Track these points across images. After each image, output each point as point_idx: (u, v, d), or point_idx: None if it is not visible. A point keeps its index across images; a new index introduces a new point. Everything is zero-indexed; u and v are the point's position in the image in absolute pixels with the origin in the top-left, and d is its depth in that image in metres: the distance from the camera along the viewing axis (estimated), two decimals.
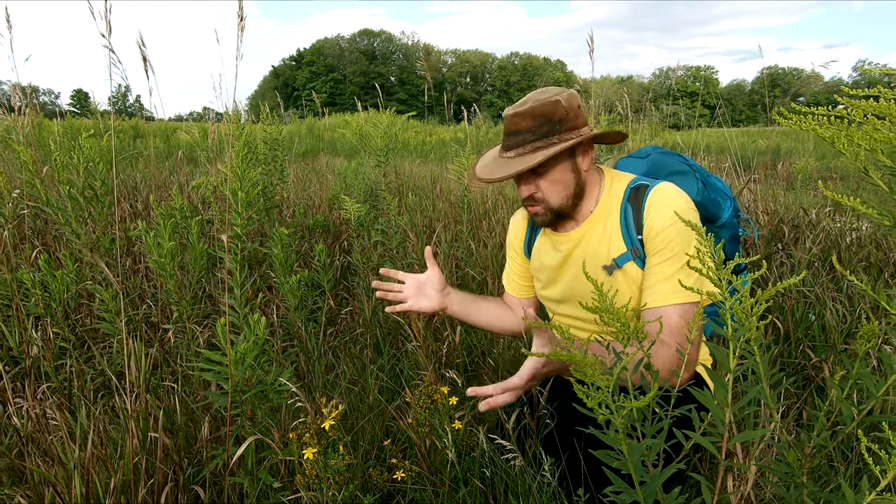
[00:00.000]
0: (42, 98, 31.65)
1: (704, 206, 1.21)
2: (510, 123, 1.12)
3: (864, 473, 1.22)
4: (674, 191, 1.11)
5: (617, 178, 1.19)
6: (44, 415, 1.44)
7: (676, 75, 5.13)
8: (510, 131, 1.12)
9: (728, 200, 1.27)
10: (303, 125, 10.24)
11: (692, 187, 1.20)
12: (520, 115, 1.09)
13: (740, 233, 1.36)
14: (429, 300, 1.27)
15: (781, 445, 0.72)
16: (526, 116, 1.09)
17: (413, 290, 1.27)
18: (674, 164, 1.28)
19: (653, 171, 1.29)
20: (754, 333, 0.63)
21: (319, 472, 1.06)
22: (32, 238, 2.52)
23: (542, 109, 1.08)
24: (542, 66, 64.39)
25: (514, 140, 1.11)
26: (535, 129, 1.09)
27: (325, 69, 61.03)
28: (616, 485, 0.58)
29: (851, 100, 0.45)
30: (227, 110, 3.15)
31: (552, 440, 1.18)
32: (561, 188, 1.13)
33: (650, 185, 1.12)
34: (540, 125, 1.09)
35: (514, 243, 1.39)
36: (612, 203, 1.16)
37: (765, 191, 3.69)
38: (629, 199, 1.13)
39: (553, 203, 1.14)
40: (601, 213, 1.17)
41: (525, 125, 1.09)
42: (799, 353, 1.76)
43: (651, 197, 1.10)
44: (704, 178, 1.25)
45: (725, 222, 1.26)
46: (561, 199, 1.14)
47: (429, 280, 1.27)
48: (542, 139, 1.09)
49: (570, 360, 0.58)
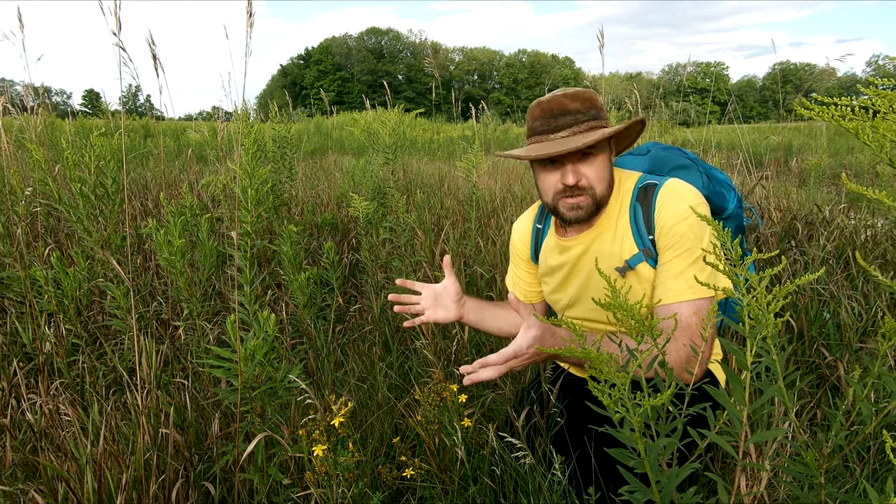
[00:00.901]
0: (55, 98, 32.05)
1: (711, 199, 1.19)
2: (557, 105, 1.10)
3: (881, 474, 1.20)
4: (683, 187, 1.09)
5: (624, 176, 1.18)
6: (57, 410, 1.45)
7: (686, 72, 5.07)
8: (557, 112, 1.10)
9: (732, 191, 1.26)
10: (311, 124, 10.27)
11: (697, 181, 1.19)
12: (569, 97, 1.10)
13: (745, 222, 1.34)
14: (445, 311, 1.25)
15: (798, 445, 0.70)
16: (575, 98, 1.09)
17: (430, 302, 1.25)
18: (676, 159, 1.26)
19: (655, 167, 1.27)
20: (771, 330, 0.62)
21: (329, 468, 1.06)
22: (46, 236, 2.54)
23: (587, 94, 1.11)
24: (549, 63, 64.09)
25: (563, 121, 1.09)
26: (586, 110, 1.09)
27: (333, 68, 61.18)
28: (631, 484, 0.57)
29: (877, 90, 0.43)
30: (236, 109, 3.17)
31: (562, 438, 1.17)
32: (605, 176, 1.12)
33: (658, 183, 1.11)
34: (589, 108, 1.09)
35: (521, 251, 1.36)
36: (621, 203, 1.14)
37: (777, 188, 3.64)
38: (638, 198, 1.12)
39: (598, 191, 1.11)
40: (611, 215, 1.15)
41: (575, 106, 1.09)
42: (813, 352, 1.74)
43: (661, 195, 1.09)
44: (707, 171, 1.24)
45: (731, 213, 1.24)
46: (604, 188, 1.12)
47: (445, 290, 1.25)
48: (593, 120, 1.09)
49: (568, 353, 0.57)
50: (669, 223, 1.06)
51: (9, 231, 1.90)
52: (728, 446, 0.59)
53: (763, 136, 8.19)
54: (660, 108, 6.41)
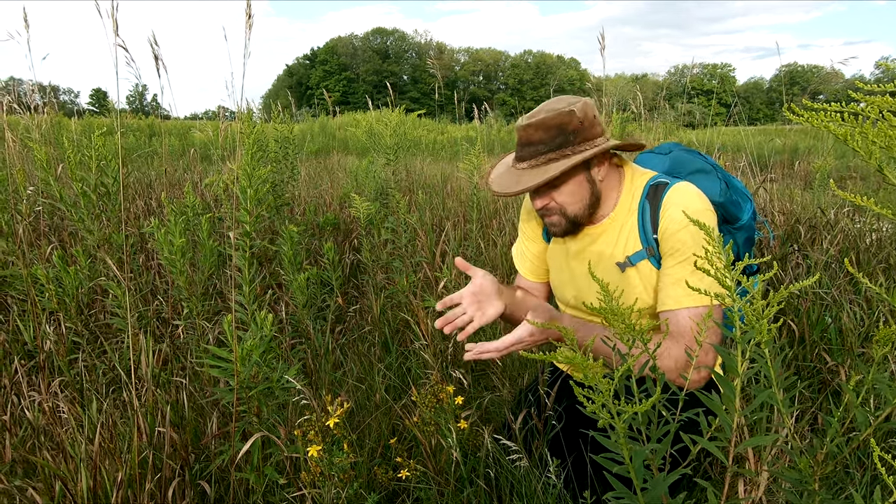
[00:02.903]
0: (62, 97, 32.24)
1: (725, 207, 1.18)
2: (523, 135, 1.10)
3: (881, 481, 1.19)
4: (692, 191, 1.09)
5: (638, 174, 1.18)
6: (56, 408, 1.46)
7: (692, 73, 5.05)
8: (523, 143, 1.10)
9: (748, 202, 1.25)
10: (315, 124, 10.29)
11: (715, 187, 1.18)
12: (532, 127, 1.07)
13: (756, 235, 1.32)
14: (493, 307, 1.16)
15: (793, 451, 0.70)
16: (539, 128, 1.07)
17: (474, 306, 1.16)
18: (696, 163, 1.25)
19: (674, 168, 1.27)
20: (765, 336, 0.61)
21: (324, 469, 1.06)
22: (49, 234, 2.56)
23: (556, 120, 1.06)
24: (555, 64, 63.98)
25: (527, 151, 1.10)
26: (549, 140, 1.07)
27: (338, 68, 61.31)
28: (617, 490, 0.57)
29: (867, 95, 0.43)
30: (238, 108, 3.18)
31: (558, 442, 1.16)
32: (577, 199, 1.12)
33: (669, 183, 1.11)
34: (553, 137, 1.06)
35: (534, 227, 1.35)
36: (631, 202, 1.14)
37: (781, 190, 3.61)
38: (647, 196, 1.12)
39: (569, 212, 1.13)
40: (620, 214, 1.15)
41: (538, 137, 1.07)
42: (814, 357, 1.72)
43: (669, 196, 1.08)
44: (726, 178, 1.23)
45: (744, 224, 1.23)
46: (577, 209, 1.13)
47: (482, 287, 1.17)
48: (556, 150, 1.07)
49: (557, 337, 0.57)
50: (672, 228, 1.05)
51: (12, 229, 1.92)
52: (718, 451, 0.59)
53: (769, 139, 8.13)
54: (665, 109, 6.39)
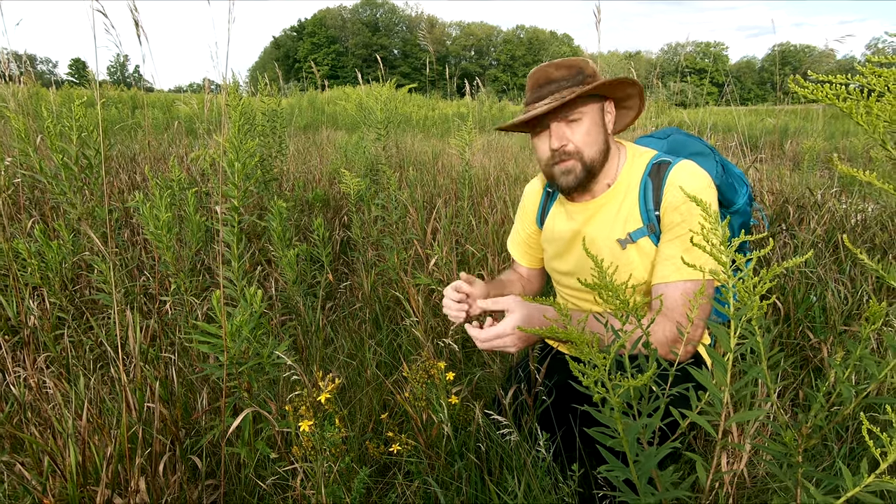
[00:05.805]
0: (39, 66, 31.05)
1: (721, 191, 1.20)
2: (542, 75, 1.11)
3: (858, 454, 1.22)
4: (695, 169, 1.09)
5: (639, 153, 1.18)
6: (43, 384, 1.44)
7: (685, 52, 5.01)
8: (542, 82, 1.11)
9: (744, 187, 1.26)
10: (304, 98, 10.08)
11: (711, 170, 1.20)
12: (553, 66, 1.11)
13: (752, 222, 1.33)
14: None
15: (778, 425, 0.71)
16: (560, 67, 1.10)
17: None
18: (695, 146, 1.27)
19: (673, 150, 1.28)
20: (756, 313, 0.62)
21: (315, 444, 1.07)
22: (29, 208, 2.50)
23: (576, 62, 1.11)
24: (548, 39, 63.03)
25: (547, 89, 1.10)
26: (570, 77, 1.09)
27: (326, 41, 59.81)
28: (610, 463, 0.57)
29: (878, 67, 0.42)
30: (224, 79, 3.09)
31: (548, 416, 1.18)
32: (593, 140, 1.12)
33: (673, 161, 1.11)
34: (574, 74, 1.10)
35: (529, 211, 1.36)
36: (632, 177, 1.15)
37: (771, 170, 3.63)
38: (650, 174, 1.12)
39: (587, 155, 1.11)
40: (620, 187, 1.15)
41: (559, 74, 1.10)
42: (798, 334, 1.76)
43: (672, 173, 1.09)
44: (722, 162, 1.24)
45: (739, 209, 1.24)
46: (594, 152, 1.12)
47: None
48: (578, 86, 1.09)
49: (551, 334, 0.56)
50: (674, 203, 1.06)
51: None
52: (708, 426, 0.59)
53: (759, 119, 8.15)
54: (657, 88, 6.35)
